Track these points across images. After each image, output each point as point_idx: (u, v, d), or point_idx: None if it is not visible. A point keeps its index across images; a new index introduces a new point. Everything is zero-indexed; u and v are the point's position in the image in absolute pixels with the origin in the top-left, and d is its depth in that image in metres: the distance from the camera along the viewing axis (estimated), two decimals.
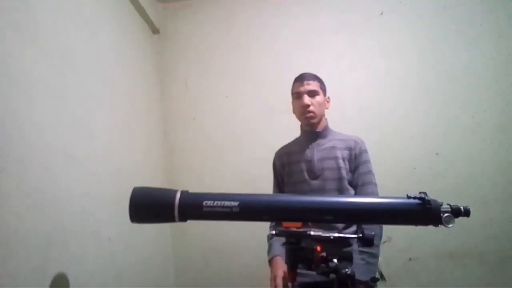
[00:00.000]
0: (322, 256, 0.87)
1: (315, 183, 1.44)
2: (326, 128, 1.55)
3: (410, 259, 2.06)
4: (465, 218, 0.93)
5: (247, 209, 0.93)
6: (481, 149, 2.06)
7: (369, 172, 1.48)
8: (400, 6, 2.21)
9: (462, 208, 0.92)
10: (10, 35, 1.01)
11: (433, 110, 2.13)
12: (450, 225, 0.91)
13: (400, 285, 2.00)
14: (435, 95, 2.13)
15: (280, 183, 1.58)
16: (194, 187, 1.04)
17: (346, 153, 1.48)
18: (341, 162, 1.45)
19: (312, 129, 1.52)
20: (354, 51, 2.23)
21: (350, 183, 1.45)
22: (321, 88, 1.52)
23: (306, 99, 1.47)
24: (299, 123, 1.57)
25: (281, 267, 1.35)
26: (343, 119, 2.18)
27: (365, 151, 1.51)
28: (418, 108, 2.14)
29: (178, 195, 0.95)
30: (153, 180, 2.06)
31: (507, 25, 2.11)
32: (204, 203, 0.92)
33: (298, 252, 0.90)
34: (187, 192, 0.96)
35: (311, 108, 1.47)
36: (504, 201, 2.01)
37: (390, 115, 2.15)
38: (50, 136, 1.14)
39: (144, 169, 1.94)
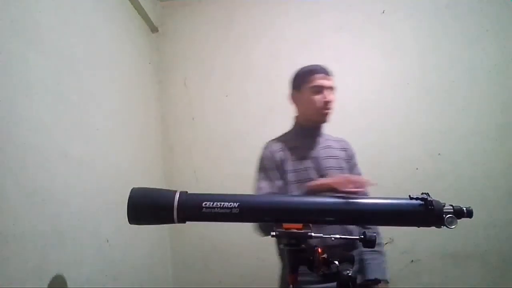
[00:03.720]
0: (323, 258, 0.85)
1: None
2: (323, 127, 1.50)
3: (412, 260, 2.05)
4: (468, 219, 0.92)
5: (247, 211, 0.92)
6: (483, 150, 2.05)
7: (360, 174, 1.45)
8: (402, 5, 2.20)
9: (464, 209, 0.91)
10: (8, 34, 1.00)
11: (435, 110, 2.12)
12: (453, 226, 0.90)
13: (402, 287, 1.99)
14: (436, 95, 2.12)
15: (276, 179, 1.37)
16: (193, 188, 1.03)
17: (343, 153, 1.44)
18: (341, 162, 1.41)
19: (318, 125, 1.44)
20: (355, 50, 2.22)
21: None
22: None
23: (331, 95, 1.39)
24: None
25: None
26: (344, 118, 2.17)
27: (355, 152, 1.49)
28: (419, 108, 2.13)
29: (177, 196, 0.93)
30: (152, 180, 2.05)
31: (509, 24, 2.10)
32: (203, 204, 0.91)
33: (299, 254, 0.89)
34: (186, 193, 0.95)
35: (331, 105, 1.39)
36: (507, 202, 2.00)
37: (392, 115, 2.14)
38: (48, 135, 1.13)
39: (143, 169, 1.93)
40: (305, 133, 1.45)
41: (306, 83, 1.41)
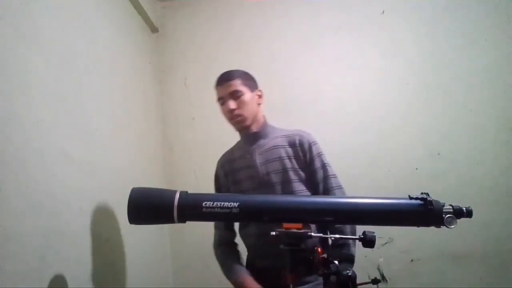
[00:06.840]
0: (323, 258, 0.86)
1: (261, 191, 1.31)
2: (264, 126, 1.42)
3: (412, 260, 2.04)
4: (467, 219, 0.92)
5: (247, 210, 0.93)
6: (483, 150, 2.05)
7: (325, 165, 1.34)
8: (401, 5, 2.20)
9: (464, 209, 0.91)
10: (8, 33, 1.00)
11: (435, 110, 2.12)
12: (452, 226, 0.90)
13: (401, 286, 1.99)
14: (436, 95, 2.12)
15: None
16: (193, 188, 1.03)
17: (290, 150, 1.34)
18: (287, 162, 1.32)
19: (249, 131, 1.39)
20: (355, 50, 2.22)
21: (305, 182, 1.32)
22: (245, 85, 1.37)
23: (231, 104, 1.33)
24: (299, 122, 1.55)
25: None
26: (343, 118, 2.18)
27: (314, 143, 1.35)
28: (419, 108, 2.13)
29: (177, 195, 0.94)
30: (152, 180, 2.04)
31: (508, 24, 2.10)
32: (203, 204, 0.92)
33: (298, 254, 0.89)
34: (186, 192, 0.96)
35: (237, 111, 1.34)
36: (506, 202, 2.00)
37: (391, 114, 2.14)
38: (48, 135, 1.12)
39: (143, 169, 1.93)
40: (244, 140, 1.44)
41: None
